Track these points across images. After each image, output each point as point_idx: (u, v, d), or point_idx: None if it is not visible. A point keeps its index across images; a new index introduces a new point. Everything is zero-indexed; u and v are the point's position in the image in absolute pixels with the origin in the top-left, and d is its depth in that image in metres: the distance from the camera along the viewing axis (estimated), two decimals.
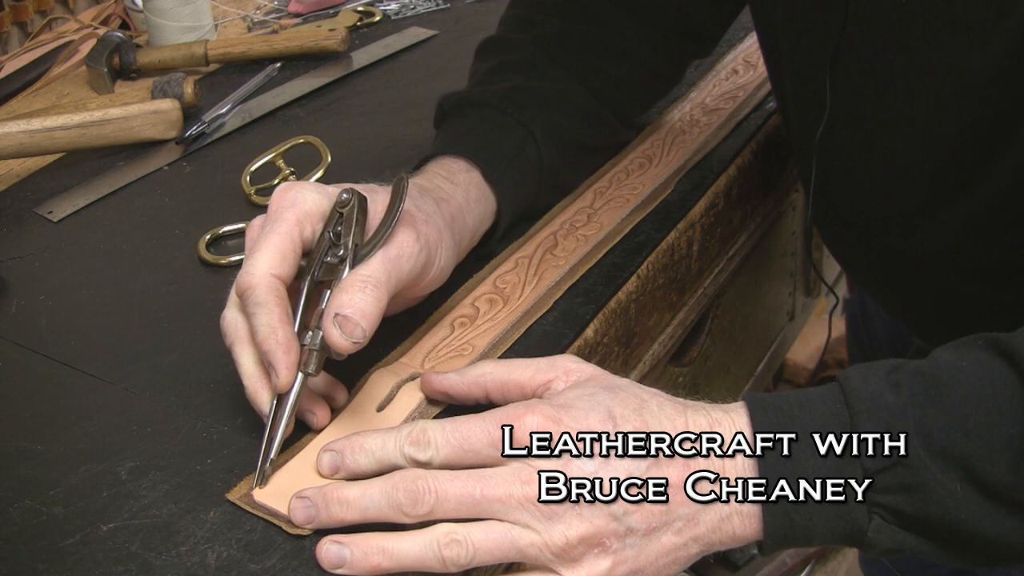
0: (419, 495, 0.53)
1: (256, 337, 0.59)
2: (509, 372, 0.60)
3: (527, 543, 0.52)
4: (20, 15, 1.29)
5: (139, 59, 1.15)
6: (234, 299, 0.63)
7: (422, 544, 0.52)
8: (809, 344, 2.02)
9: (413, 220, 0.63)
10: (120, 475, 0.60)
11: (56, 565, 0.55)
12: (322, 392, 0.63)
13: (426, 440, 0.55)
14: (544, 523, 0.52)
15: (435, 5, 1.28)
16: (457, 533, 0.52)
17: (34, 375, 0.71)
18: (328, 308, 0.58)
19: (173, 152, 0.99)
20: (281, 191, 0.64)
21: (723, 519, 0.54)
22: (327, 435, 0.61)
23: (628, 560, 0.53)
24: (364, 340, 0.58)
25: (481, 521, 0.53)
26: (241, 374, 0.61)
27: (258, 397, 0.61)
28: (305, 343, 0.59)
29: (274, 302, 0.59)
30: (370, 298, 0.58)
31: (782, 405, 0.55)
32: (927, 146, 0.68)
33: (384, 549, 0.53)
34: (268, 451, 0.59)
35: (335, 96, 1.08)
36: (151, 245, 0.85)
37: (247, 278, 0.60)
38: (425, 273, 0.64)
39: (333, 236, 0.62)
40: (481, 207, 0.73)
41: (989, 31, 0.61)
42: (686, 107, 0.96)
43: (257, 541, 0.55)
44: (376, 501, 0.53)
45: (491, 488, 0.53)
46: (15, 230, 0.89)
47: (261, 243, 0.61)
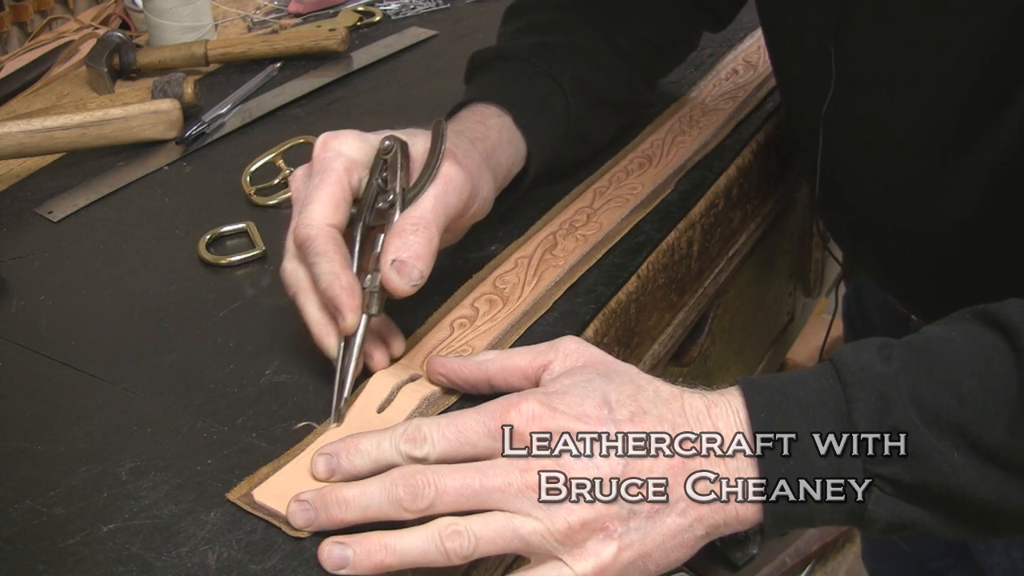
0: (418, 489, 0.53)
1: (320, 284, 0.62)
2: (510, 357, 0.61)
3: (529, 531, 0.52)
4: (20, 15, 1.29)
5: (139, 59, 1.15)
6: (292, 250, 0.65)
7: (424, 538, 0.52)
8: (809, 344, 2.02)
9: (454, 155, 0.66)
10: (120, 475, 0.60)
11: (56, 566, 0.55)
12: (382, 338, 0.66)
13: (422, 436, 0.55)
14: (545, 510, 0.52)
15: (435, 5, 1.28)
16: (458, 524, 0.52)
17: (34, 375, 0.71)
18: (384, 253, 0.61)
19: (173, 152, 0.99)
20: (323, 141, 0.66)
21: (725, 504, 0.54)
22: (328, 437, 0.61)
23: (634, 544, 0.53)
24: (422, 281, 0.61)
25: (482, 512, 0.53)
26: (307, 322, 0.64)
27: (325, 342, 0.63)
28: (365, 286, 0.62)
29: (334, 250, 0.62)
30: (423, 239, 0.61)
31: (776, 385, 0.55)
32: (934, 113, 0.69)
33: (386, 546, 0.53)
34: (341, 391, 0.62)
35: (335, 96, 1.08)
36: (151, 245, 0.85)
37: (305, 229, 0.63)
38: (471, 203, 0.67)
39: (381, 182, 0.65)
40: (513, 148, 0.76)
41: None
42: (686, 107, 0.96)
43: (257, 542, 0.55)
44: (376, 499, 0.53)
45: (490, 478, 0.53)
46: (15, 230, 0.89)
47: (314, 194, 0.64)
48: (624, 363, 0.59)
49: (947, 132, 0.69)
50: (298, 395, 0.65)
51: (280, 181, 0.89)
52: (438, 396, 0.63)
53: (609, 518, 0.53)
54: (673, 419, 0.55)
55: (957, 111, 0.67)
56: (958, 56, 0.65)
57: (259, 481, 0.58)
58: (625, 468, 0.53)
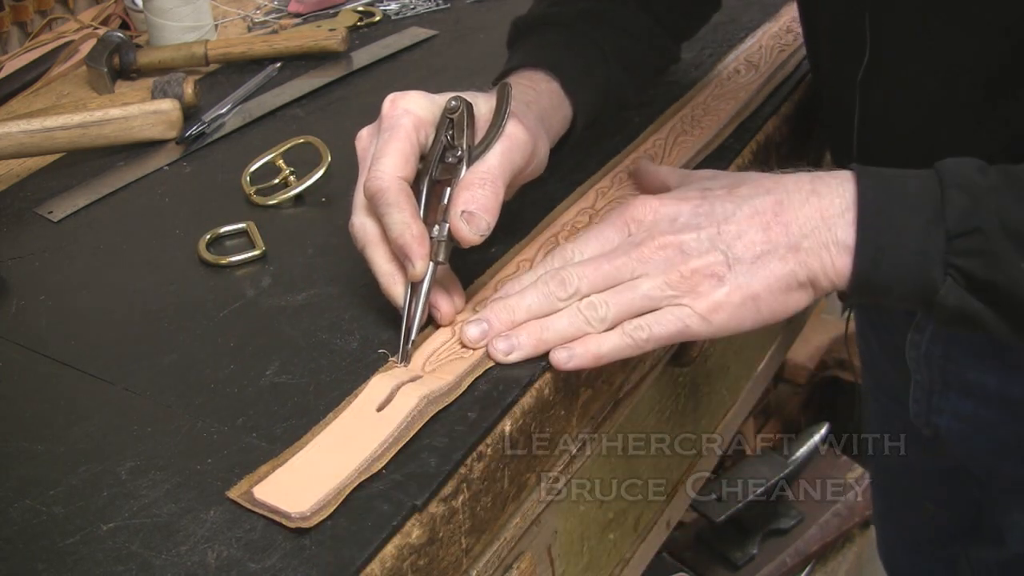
0: (565, 280, 0.65)
1: (391, 233, 0.66)
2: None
3: (649, 287, 0.64)
4: (20, 15, 1.29)
5: (139, 59, 1.15)
6: (361, 205, 0.69)
7: (569, 313, 0.65)
8: (809, 344, 2.02)
9: (516, 115, 0.70)
10: (120, 475, 0.60)
11: (56, 565, 0.55)
12: (445, 289, 0.70)
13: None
14: (661, 266, 0.64)
15: (435, 5, 1.28)
16: (593, 299, 0.65)
17: (34, 375, 0.71)
18: (453, 205, 0.66)
19: (173, 152, 0.99)
20: (392, 100, 0.70)
21: (822, 246, 0.63)
22: (327, 436, 0.61)
23: (742, 287, 0.63)
24: (488, 231, 0.66)
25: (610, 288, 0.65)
26: (376, 272, 0.68)
27: (393, 291, 0.68)
28: (433, 236, 0.66)
29: (405, 201, 0.66)
30: (489, 192, 0.66)
31: (884, 174, 0.64)
32: (969, 78, 0.71)
33: (544, 327, 0.65)
34: (408, 335, 0.66)
35: (335, 96, 1.08)
36: (151, 245, 0.85)
37: (376, 181, 0.66)
38: (532, 160, 0.71)
39: (448, 139, 0.69)
40: (561, 113, 0.80)
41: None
42: (688, 107, 0.96)
43: (257, 540, 0.55)
44: (534, 298, 0.66)
45: (614, 257, 0.65)
46: (15, 230, 0.89)
47: (384, 148, 0.67)
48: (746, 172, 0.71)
49: (983, 100, 0.71)
50: (298, 395, 0.65)
51: (280, 181, 0.89)
52: (438, 395, 0.63)
53: (716, 264, 0.63)
54: (770, 185, 0.65)
55: (994, 76, 0.69)
56: (994, 21, 0.67)
57: (259, 479, 0.58)
58: (720, 227, 0.64)
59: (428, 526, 0.57)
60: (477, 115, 0.70)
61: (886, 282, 0.62)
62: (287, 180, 0.89)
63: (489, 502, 0.63)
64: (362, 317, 0.72)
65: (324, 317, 0.72)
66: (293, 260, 0.80)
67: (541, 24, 0.86)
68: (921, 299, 0.62)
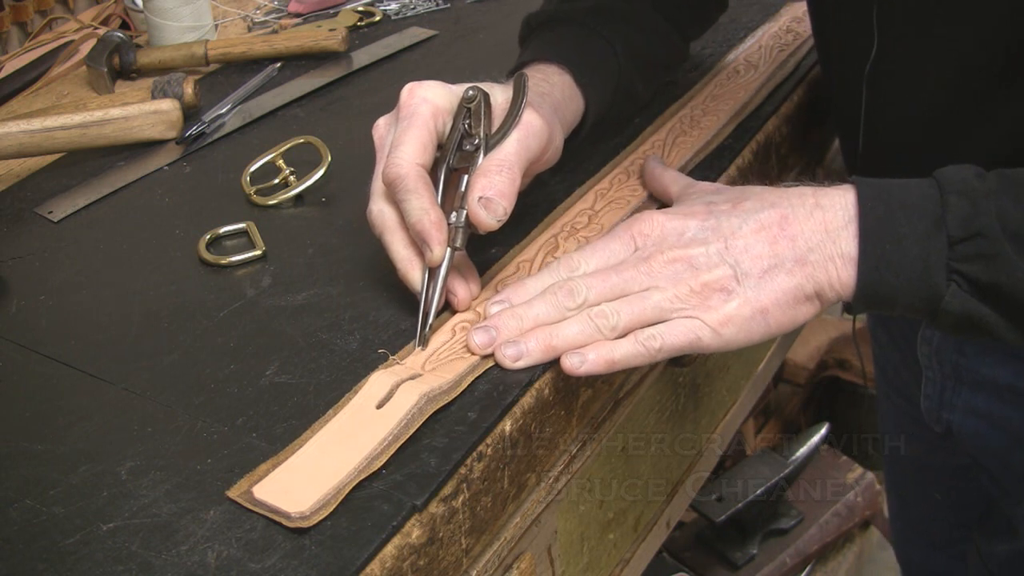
0: (574, 290, 0.66)
1: (410, 219, 0.67)
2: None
3: (659, 298, 0.65)
4: (20, 15, 1.29)
5: (139, 59, 1.15)
6: (379, 192, 0.70)
7: (579, 321, 0.65)
8: (809, 344, 2.02)
9: (531, 104, 0.72)
10: (120, 475, 0.60)
11: (56, 565, 0.55)
12: (462, 275, 0.71)
13: (574, 264, 0.68)
14: (671, 279, 0.65)
15: (435, 5, 1.28)
16: (603, 307, 0.65)
17: (34, 375, 0.71)
18: (471, 191, 0.67)
19: (173, 152, 0.99)
20: (409, 89, 0.71)
21: (827, 259, 0.64)
22: (326, 434, 0.61)
23: (751, 300, 0.64)
24: (505, 217, 0.67)
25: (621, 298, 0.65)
26: (393, 259, 0.69)
27: (411, 276, 0.68)
28: (451, 222, 0.67)
29: (423, 188, 0.67)
30: (506, 179, 0.67)
31: (884, 185, 0.65)
32: (975, 70, 0.72)
33: (552, 333, 0.65)
34: (426, 319, 0.67)
35: (335, 96, 1.08)
36: (151, 245, 0.85)
37: (395, 168, 0.67)
38: (548, 148, 0.73)
39: (465, 127, 0.70)
40: (574, 105, 0.81)
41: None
42: (687, 108, 0.96)
43: (257, 540, 0.55)
44: (542, 308, 0.66)
45: (623, 270, 0.66)
46: (15, 230, 0.89)
47: (402, 136, 0.68)
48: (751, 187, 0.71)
49: (989, 94, 0.71)
50: (298, 395, 0.65)
51: (280, 181, 0.89)
52: (438, 393, 0.63)
53: (726, 279, 0.64)
54: (774, 199, 0.66)
55: (1000, 72, 0.70)
56: (999, 17, 0.68)
57: (259, 478, 0.58)
58: (728, 241, 0.65)
59: (428, 526, 0.57)
60: (494, 104, 0.71)
61: (891, 291, 0.63)
62: (287, 180, 0.89)
63: (489, 502, 0.63)
64: (362, 317, 0.72)
65: (324, 317, 0.72)
66: (293, 260, 0.80)
67: (553, 20, 0.87)
68: (926, 307, 0.63)
